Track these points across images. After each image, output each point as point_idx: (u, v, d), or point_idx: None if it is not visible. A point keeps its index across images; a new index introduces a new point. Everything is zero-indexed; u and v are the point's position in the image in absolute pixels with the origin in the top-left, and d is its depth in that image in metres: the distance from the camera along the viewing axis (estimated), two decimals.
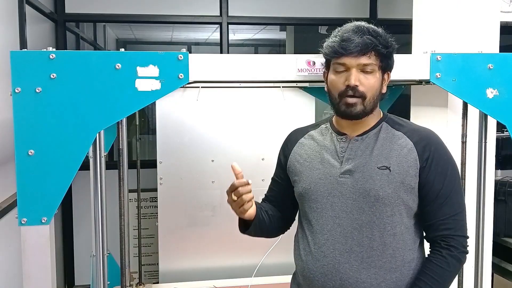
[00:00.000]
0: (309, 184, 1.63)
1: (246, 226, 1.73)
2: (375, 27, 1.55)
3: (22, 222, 1.73)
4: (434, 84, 2.00)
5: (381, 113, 1.66)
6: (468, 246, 1.56)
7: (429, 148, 1.54)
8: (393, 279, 1.53)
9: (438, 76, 1.92)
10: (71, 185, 1.78)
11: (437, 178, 1.53)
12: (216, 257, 3.45)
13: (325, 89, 1.64)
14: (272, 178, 1.86)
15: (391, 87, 3.19)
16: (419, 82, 2.20)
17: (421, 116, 2.84)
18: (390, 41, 1.56)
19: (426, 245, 1.64)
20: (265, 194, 1.87)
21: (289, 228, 1.86)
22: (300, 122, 3.50)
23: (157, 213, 3.44)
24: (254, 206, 1.65)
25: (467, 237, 1.56)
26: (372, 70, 1.52)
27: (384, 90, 1.60)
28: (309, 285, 1.61)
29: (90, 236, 3.12)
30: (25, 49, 3.03)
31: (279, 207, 1.81)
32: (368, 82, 1.52)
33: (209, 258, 3.45)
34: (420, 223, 1.61)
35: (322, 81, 1.79)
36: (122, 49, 1.79)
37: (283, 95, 3.38)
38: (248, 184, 1.59)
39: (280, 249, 3.46)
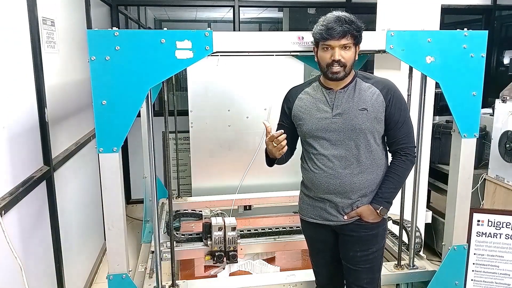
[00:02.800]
0: (311, 125, 1.78)
1: (271, 162, 1.89)
2: (350, 16, 1.68)
3: (100, 150, 1.79)
4: (389, 53, 2.00)
5: (354, 71, 1.79)
6: (416, 152, 1.84)
7: (390, 92, 1.74)
8: (372, 179, 1.78)
9: (392, 47, 1.92)
10: None
11: (396, 111, 1.74)
12: (231, 178, 3.58)
13: (315, 59, 1.78)
14: (278, 124, 1.94)
15: (360, 55, 3.22)
16: (379, 51, 2.20)
17: (382, 75, 2.87)
18: (360, 26, 1.68)
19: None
20: None
21: (291, 157, 1.96)
22: (293, 81, 3.53)
23: (189, 148, 3.57)
24: (284, 149, 1.72)
25: (416, 147, 1.85)
26: (349, 47, 1.67)
27: (356, 58, 1.74)
28: (317, 188, 1.80)
29: (141, 164, 3.27)
30: (90, 27, 3.07)
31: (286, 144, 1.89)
32: (347, 56, 1.67)
33: (226, 179, 3.59)
34: (385, 142, 1.82)
35: (310, 51, 1.84)
36: (165, 28, 1.80)
37: (280, 61, 3.42)
38: (282, 134, 1.67)
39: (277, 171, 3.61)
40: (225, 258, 2.49)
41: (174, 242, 2.55)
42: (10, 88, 1.83)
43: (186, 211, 2.62)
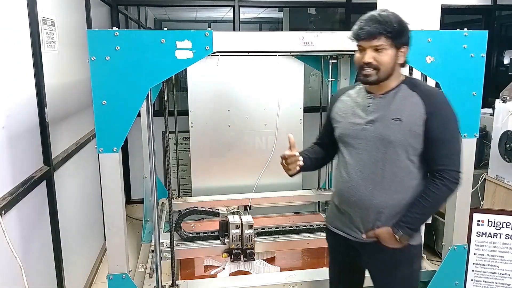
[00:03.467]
0: (343, 130, 1.67)
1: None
2: (389, 15, 1.51)
3: (100, 150, 1.80)
4: None
5: (402, 76, 1.62)
6: (459, 178, 1.55)
7: (434, 104, 1.54)
8: (398, 199, 1.58)
9: None
10: None
11: (437, 127, 1.53)
12: (231, 178, 3.59)
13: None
14: (322, 126, 1.88)
15: None
16: None
17: None
18: (396, 25, 1.50)
19: None
20: (316, 139, 1.90)
21: (329, 162, 1.88)
22: (293, 81, 3.59)
23: (189, 148, 3.56)
24: (297, 168, 1.70)
25: (460, 172, 1.55)
26: (383, 49, 1.51)
27: (401, 61, 1.57)
28: (340, 198, 1.69)
29: (141, 164, 3.27)
30: (90, 27, 3.07)
31: (324, 147, 1.83)
32: (380, 59, 1.52)
33: (227, 179, 3.59)
34: (425, 160, 1.59)
35: (310, 51, 1.82)
36: (165, 28, 1.81)
37: (280, 61, 3.42)
38: (294, 155, 1.67)
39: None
40: (242, 255, 2.51)
41: (184, 240, 2.58)
42: (10, 88, 1.83)
43: (203, 209, 2.62)
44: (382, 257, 1.64)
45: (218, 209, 2.63)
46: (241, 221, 2.51)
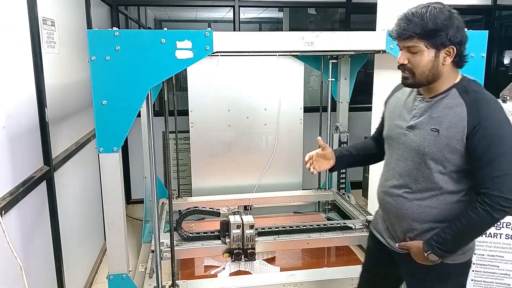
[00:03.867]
0: (388, 131, 1.60)
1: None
2: (424, 13, 1.35)
3: (100, 150, 1.80)
4: (389, 53, 2.02)
5: (457, 79, 1.45)
6: (507, 206, 1.33)
7: (479, 118, 1.34)
8: (433, 213, 1.46)
9: (392, 48, 1.94)
10: None
11: (480, 144, 1.34)
12: (230, 178, 3.60)
13: None
14: (380, 119, 1.75)
15: (360, 55, 3.23)
16: (379, 51, 2.23)
17: (382, 75, 2.88)
18: (426, 26, 1.34)
19: None
20: (373, 133, 1.82)
21: (382, 157, 1.70)
22: (293, 82, 3.59)
23: (189, 148, 3.58)
24: (325, 165, 1.72)
25: (507, 198, 1.33)
26: (418, 50, 1.37)
27: (446, 63, 1.39)
28: (379, 201, 1.64)
29: (141, 164, 3.27)
30: (90, 27, 3.07)
31: (377, 142, 1.74)
32: (415, 61, 1.39)
33: (226, 179, 3.60)
34: (469, 177, 1.44)
35: (310, 51, 1.81)
36: (165, 28, 1.82)
37: (280, 61, 3.42)
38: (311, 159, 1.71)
39: (273, 171, 3.62)
40: (243, 255, 2.51)
41: (185, 240, 2.58)
42: (10, 88, 1.83)
43: (204, 209, 2.62)
44: (414, 270, 1.56)
45: (219, 209, 2.63)
46: (242, 221, 2.51)
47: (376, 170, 2.27)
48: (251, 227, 2.51)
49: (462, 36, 1.39)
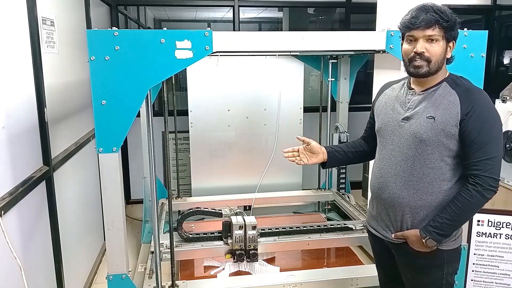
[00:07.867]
0: (381, 124, 1.66)
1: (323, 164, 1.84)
2: (439, 5, 1.46)
3: (99, 150, 1.80)
4: (388, 53, 2.04)
5: (446, 74, 1.57)
6: (496, 186, 1.47)
7: (472, 105, 1.45)
8: (428, 200, 1.53)
9: (392, 47, 1.95)
10: None
11: (474, 129, 1.44)
12: (230, 178, 3.60)
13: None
14: (368, 120, 1.83)
15: (360, 55, 3.23)
16: (379, 51, 2.22)
17: (381, 75, 2.86)
18: (451, 16, 1.45)
19: None
20: (363, 133, 1.88)
21: (372, 156, 1.77)
22: (293, 82, 3.59)
23: (189, 148, 3.57)
24: (313, 158, 1.78)
25: (495, 179, 1.46)
26: (436, 39, 1.46)
27: (449, 56, 1.52)
28: (372, 195, 1.70)
29: (141, 164, 3.27)
30: (90, 27, 3.07)
31: (367, 140, 1.82)
32: (433, 50, 1.46)
33: (225, 179, 3.60)
34: (463, 164, 1.52)
35: (310, 51, 1.81)
36: (165, 28, 1.81)
37: (280, 61, 3.42)
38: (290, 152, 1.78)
39: (275, 172, 3.62)
40: (245, 256, 2.50)
41: (185, 241, 2.57)
42: (10, 88, 1.83)
43: (206, 209, 2.62)
44: (411, 259, 1.61)
45: (220, 210, 2.63)
46: (244, 221, 2.50)
47: None
48: (254, 228, 2.50)
49: (458, 34, 1.53)
